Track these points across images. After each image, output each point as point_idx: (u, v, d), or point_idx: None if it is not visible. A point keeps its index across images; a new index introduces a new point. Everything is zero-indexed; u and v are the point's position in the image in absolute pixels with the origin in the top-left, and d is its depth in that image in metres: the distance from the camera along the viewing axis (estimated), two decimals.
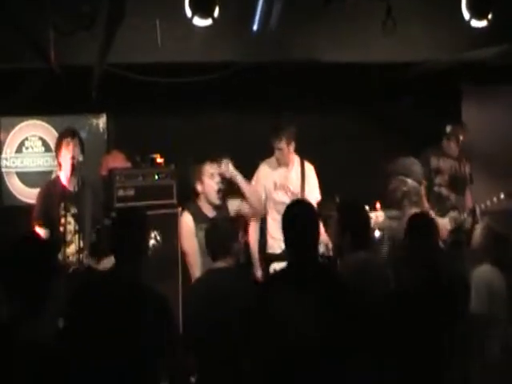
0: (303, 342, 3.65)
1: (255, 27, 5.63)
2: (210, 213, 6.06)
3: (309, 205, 4.22)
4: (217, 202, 6.05)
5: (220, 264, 4.73)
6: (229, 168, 6.08)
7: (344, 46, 6.52)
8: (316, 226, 3.97)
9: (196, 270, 5.92)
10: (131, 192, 6.75)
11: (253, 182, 6.69)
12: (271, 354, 3.71)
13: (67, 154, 5.91)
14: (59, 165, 6.03)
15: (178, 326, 4.78)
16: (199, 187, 6.14)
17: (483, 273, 5.11)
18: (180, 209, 6.75)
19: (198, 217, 6.06)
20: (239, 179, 6.12)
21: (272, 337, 3.70)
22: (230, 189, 6.22)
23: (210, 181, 6.08)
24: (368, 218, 5.01)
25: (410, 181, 5.63)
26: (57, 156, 6.04)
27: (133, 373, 3.75)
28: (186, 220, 6.15)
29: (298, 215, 3.98)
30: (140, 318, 3.83)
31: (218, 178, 6.08)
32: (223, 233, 4.81)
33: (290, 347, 3.66)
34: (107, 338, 3.74)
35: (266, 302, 3.81)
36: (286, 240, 3.94)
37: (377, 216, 6.20)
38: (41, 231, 5.82)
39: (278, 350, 3.68)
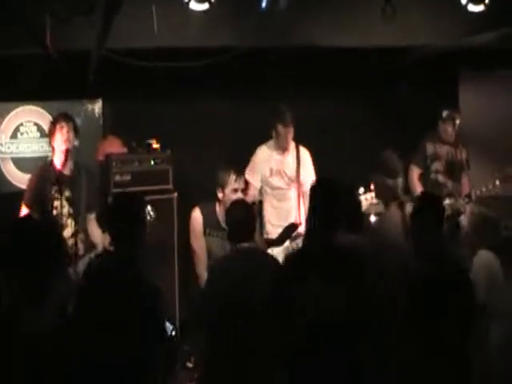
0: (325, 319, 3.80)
1: (263, 5, 5.55)
2: (223, 221, 5.79)
3: (331, 184, 4.28)
4: None
5: (245, 245, 4.74)
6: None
7: (343, 32, 6.49)
8: (334, 204, 4.11)
9: (203, 270, 5.88)
10: (127, 177, 6.78)
11: (249, 171, 6.67)
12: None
13: (61, 138, 5.88)
14: (53, 149, 5.99)
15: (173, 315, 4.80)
16: (220, 194, 6.00)
17: (482, 260, 5.11)
18: (175, 194, 6.79)
19: (210, 221, 5.98)
20: None
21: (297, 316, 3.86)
22: None
23: (231, 194, 5.92)
24: (359, 203, 5.05)
25: (385, 178, 5.68)
26: (50, 140, 6.00)
27: (130, 366, 3.77)
28: (196, 218, 6.05)
29: (318, 194, 4.16)
30: (133, 311, 3.84)
31: (240, 194, 5.96)
32: (249, 214, 4.85)
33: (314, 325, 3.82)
34: (103, 329, 3.76)
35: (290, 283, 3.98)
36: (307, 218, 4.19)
37: (372, 197, 6.22)
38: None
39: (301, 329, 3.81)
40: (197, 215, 6.05)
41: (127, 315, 3.76)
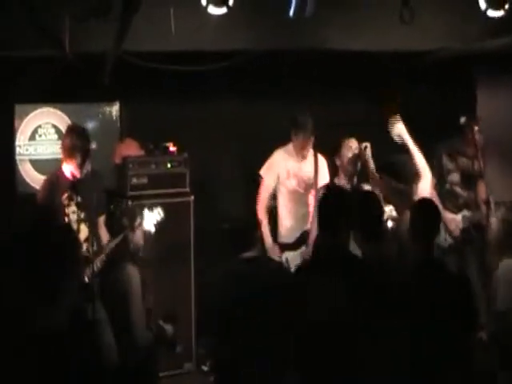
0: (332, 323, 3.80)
1: (292, 12, 5.56)
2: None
3: (342, 190, 4.30)
4: (351, 168, 6.39)
5: (248, 254, 4.73)
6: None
7: (358, 35, 6.46)
8: (346, 211, 4.12)
9: None
10: (144, 180, 6.79)
11: (265, 169, 6.67)
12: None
13: (76, 160, 5.88)
14: (65, 160, 5.98)
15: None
16: (337, 161, 6.57)
17: (504, 268, 5.03)
18: (192, 197, 6.80)
19: None
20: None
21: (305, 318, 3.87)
22: None
23: (346, 152, 6.42)
24: (381, 211, 4.95)
25: (394, 182, 5.66)
26: (62, 153, 6.01)
27: None
28: None
29: (329, 199, 4.21)
30: None
31: (355, 150, 6.48)
32: (249, 223, 4.83)
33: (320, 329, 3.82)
34: None
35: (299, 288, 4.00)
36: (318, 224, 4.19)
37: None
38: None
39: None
40: None
41: None
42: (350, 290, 3.90)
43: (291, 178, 6.64)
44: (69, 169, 5.94)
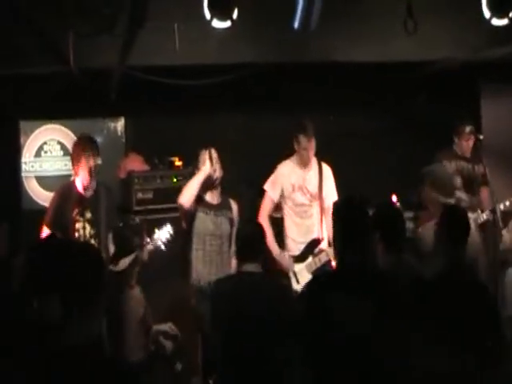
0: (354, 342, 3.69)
1: (296, 25, 5.55)
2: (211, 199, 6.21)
3: (359, 205, 4.20)
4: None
5: (248, 267, 4.64)
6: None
7: (362, 46, 6.47)
8: (364, 227, 3.98)
9: None
10: (149, 195, 6.80)
11: (269, 184, 6.67)
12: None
13: (87, 167, 5.84)
14: (75, 172, 5.98)
15: None
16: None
17: None
18: None
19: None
20: None
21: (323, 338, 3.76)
22: None
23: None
24: (403, 223, 4.80)
25: (442, 198, 5.61)
26: (73, 164, 5.96)
27: None
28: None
29: (348, 216, 4.01)
30: None
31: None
32: (253, 234, 4.74)
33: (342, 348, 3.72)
34: None
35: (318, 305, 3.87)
36: (335, 241, 4.02)
37: None
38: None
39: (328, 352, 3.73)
40: None
41: None
42: (380, 310, 3.81)
43: (296, 192, 6.61)
44: (81, 182, 5.90)
